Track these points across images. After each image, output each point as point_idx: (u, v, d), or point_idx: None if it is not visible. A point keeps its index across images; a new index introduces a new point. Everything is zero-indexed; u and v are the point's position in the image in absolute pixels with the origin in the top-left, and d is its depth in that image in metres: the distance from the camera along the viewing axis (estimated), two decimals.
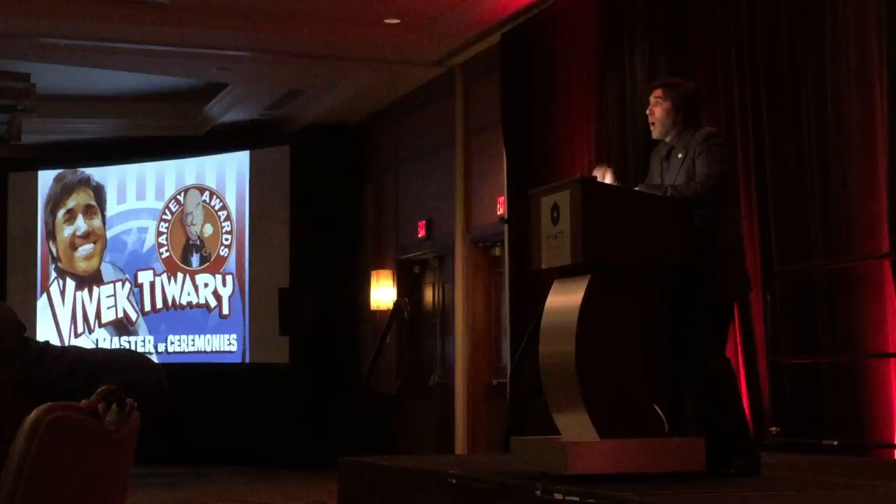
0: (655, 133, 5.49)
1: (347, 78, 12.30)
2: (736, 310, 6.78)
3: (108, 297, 14.96)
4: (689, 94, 5.47)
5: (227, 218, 14.23)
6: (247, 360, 14.00)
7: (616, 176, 5.52)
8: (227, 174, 14.30)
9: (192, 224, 14.52)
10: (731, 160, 5.33)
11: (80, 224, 15.13)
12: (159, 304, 14.66)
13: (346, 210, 14.01)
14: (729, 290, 5.34)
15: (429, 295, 12.60)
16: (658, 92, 5.47)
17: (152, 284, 14.70)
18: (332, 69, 11.95)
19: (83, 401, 2.24)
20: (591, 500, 4.47)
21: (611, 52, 8.96)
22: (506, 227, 10.24)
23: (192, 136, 14.53)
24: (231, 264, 14.17)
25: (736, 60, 7.71)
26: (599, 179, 5.30)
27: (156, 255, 14.73)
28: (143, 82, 13.12)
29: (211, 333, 14.27)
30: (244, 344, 14.01)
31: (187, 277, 14.47)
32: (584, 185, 5.01)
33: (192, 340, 14.40)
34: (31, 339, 2.54)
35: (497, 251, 11.15)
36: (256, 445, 13.28)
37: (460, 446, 11.35)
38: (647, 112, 5.49)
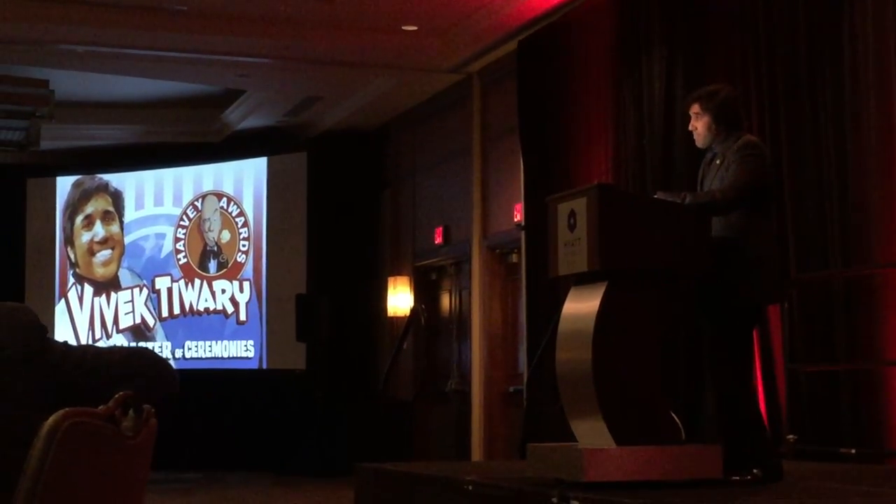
0: (699, 144, 5.49)
1: (365, 84, 12.32)
2: None
3: (125, 302, 15.00)
4: (727, 103, 5.43)
5: (245, 224, 14.26)
6: (263, 367, 14.01)
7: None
8: (245, 180, 14.33)
9: (210, 230, 14.55)
10: (759, 171, 5.28)
11: (98, 230, 15.18)
12: (177, 310, 14.69)
13: (364, 216, 14.02)
14: (754, 298, 5.30)
15: (445, 301, 12.59)
16: (696, 107, 5.45)
17: (170, 290, 14.73)
18: (349, 76, 11.97)
19: (101, 406, 2.25)
20: None
21: (628, 59, 8.95)
22: (522, 233, 10.23)
23: (210, 142, 14.57)
24: (248, 270, 14.19)
25: (753, 67, 7.70)
26: None
27: (173, 261, 14.76)
28: (161, 89, 13.15)
29: (228, 339, 14.29)
30: (261, 350, 14.03)
31: (204, 283, 14.50)
32: (601, 192, 5.01)
33: (210, 346, 14.42)
34: (53, 340, 2.56)
35: (514, 258, 11.14)
36: (272, 452, 13.28)
37: (477, 453, 11.34)
38: (690, 127, 5.49)
